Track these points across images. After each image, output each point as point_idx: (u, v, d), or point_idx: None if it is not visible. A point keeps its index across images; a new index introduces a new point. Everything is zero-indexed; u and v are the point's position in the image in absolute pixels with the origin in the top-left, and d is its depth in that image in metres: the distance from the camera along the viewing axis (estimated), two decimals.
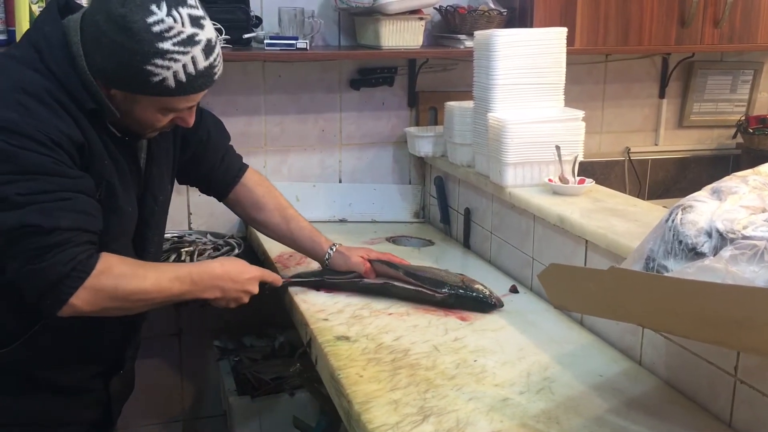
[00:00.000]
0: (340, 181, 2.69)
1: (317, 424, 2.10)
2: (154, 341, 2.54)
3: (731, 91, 3.14)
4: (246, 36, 2.32)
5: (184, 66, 1.35)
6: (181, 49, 1.34)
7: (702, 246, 1.07)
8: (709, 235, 1.07)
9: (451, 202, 2.48)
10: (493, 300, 1.76)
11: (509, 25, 2.53)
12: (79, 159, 1.38)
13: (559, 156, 1.96)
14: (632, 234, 1.55)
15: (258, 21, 2.39)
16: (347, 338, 1.59)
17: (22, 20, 1.98)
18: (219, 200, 1.90)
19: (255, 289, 1.66)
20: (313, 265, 1.95)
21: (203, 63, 1.37)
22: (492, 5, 2.55)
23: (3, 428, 1.49)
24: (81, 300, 1.35)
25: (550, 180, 1.97)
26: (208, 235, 2.44)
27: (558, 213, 1.77)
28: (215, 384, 2.63)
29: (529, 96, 2.06)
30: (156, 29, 1.31)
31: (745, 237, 1.02)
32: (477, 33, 2.14)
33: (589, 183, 1.96)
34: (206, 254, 2.23)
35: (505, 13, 2.52)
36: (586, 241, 1.68)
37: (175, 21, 1.32)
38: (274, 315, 2.22)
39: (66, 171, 1.35)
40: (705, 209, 1.11)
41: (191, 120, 1.52)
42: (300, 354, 2.35)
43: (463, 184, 2.37)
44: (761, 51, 3.04)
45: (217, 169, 1.82)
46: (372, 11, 2.36)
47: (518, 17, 2.56)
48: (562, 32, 2.09)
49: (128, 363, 1.70)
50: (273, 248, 2.15)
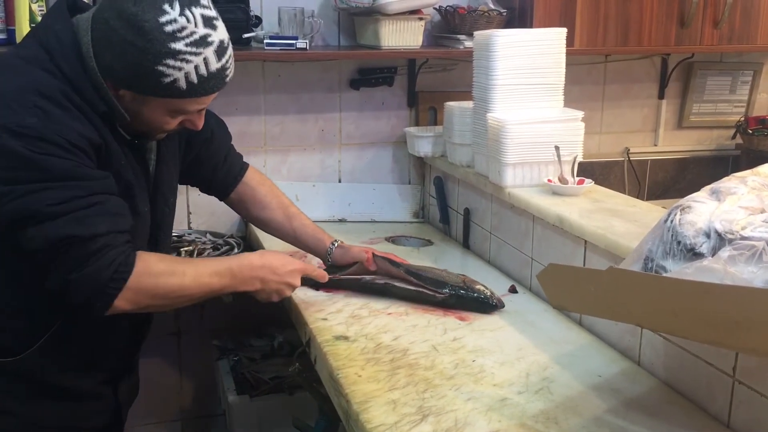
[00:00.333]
0: (340, 181, 2.69)
1: (316, 424, 2.10)
2: (154, 341, 2.51)
3: (731, 92, 3.14)
4: (246, 36, 2.31)
5: (196, 67, 1.32)
6: (194, 50, 1.31)
7: (700, 246, 1.07)
8: (708, 236, 1.07)
9: (451, 202, 2.48)
10: (495, 301, 1.76)
11: (509, 26, 2.53)
12: (97, 160, 1.36)
13: (559, 156, 1.96)
14: (631, 234, 1.55)
15: (258, 21, 2.39)
16: (346, 338, 1.60)
17: (22, 20, 1.99)
18: (220, 200, 1.89)
19: (297, 282, 1.64)
20: (314, 262, 1.95)
21: (215, 65, 1.35)
22: (492, 5, 2.55)
23: None
24: (124, 300, 1.35)
25: (550, 180, 1.97)
26: (208, 235, 2.45)
27: (557, 213, 1.77)
28: (214, 383, 2.62)
29: (529, 96, 2.06)
30: (168, 29, 1.28)
31: (744, 237, 1.02)
32: (477, 33, 2.14)
33: (589, 183, 1.96)
34: (205, 253, 2.24)
35: (505, 14, 2.52)
36: (585, 242, 1.68)
37: (188, 21, 1.30)
38: (273, 314, 2.22)
39: (91, 173, 1.33)
40: (704, 210, 1.12)
41: (200, 123, 1.50)
42: (299, 353, 2.34)
43: (463, 185, 2.37)
44: (761, 52, 3.04)
45: (220, 169, 1.81)
46: (372, 11, 2.36)
47: (518, 17, 2.56)
48: (562, 32, 2.09)
49: (136, 368, 1.70)
50: (272, 247, 2.14)
